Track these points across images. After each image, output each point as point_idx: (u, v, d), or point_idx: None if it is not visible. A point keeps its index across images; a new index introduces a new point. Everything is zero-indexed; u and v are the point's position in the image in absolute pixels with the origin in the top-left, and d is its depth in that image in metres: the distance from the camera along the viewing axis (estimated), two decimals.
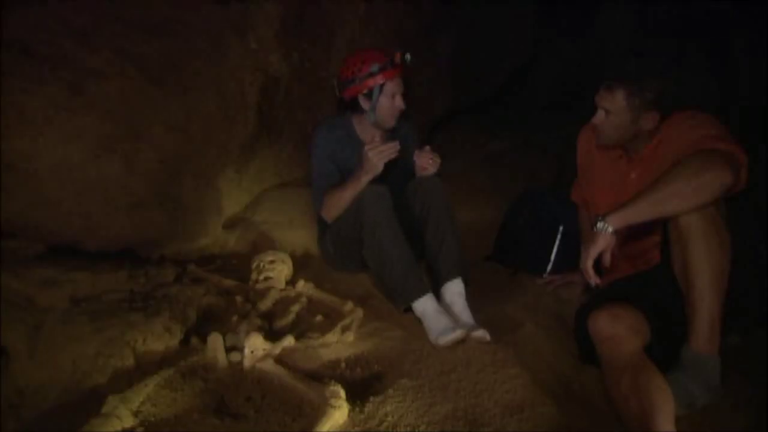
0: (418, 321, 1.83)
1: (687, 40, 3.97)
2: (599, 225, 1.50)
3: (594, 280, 1.56)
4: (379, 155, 1.94)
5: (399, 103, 2.13)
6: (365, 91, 2.10)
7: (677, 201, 1.46)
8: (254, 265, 2.13)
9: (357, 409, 1.39)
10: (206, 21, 2.23)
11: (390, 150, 1.95)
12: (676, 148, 1.60)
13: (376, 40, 2.92)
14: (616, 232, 1.50)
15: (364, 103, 2.13)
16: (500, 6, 3.87)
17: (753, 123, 3.17)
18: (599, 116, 1.77)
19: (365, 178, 1.96)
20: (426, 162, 2.08)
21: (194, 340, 1.68)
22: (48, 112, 1.80)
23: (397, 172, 2.11)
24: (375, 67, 2.06)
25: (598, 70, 2.00)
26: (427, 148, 2.11)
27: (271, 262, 2.13)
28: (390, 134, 2.28)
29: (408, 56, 2.09)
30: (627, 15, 4.60)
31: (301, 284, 2.07)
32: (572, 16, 4.91)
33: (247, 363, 1.54)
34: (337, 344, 1.72)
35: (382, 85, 2.08)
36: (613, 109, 1.72)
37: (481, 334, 1.74)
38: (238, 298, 1.95)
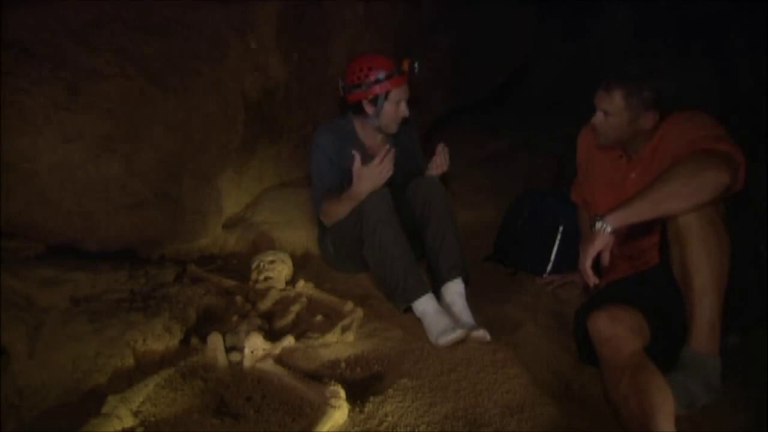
0: (418, 321, 1.84)
1: (686, 40, 3.98)
2: (598, 225, 1.51)
3: (592, 280, 1.56)
4: (371, 178, 1.92)
5: (403, 110, 2.13)
6: (370, 97, 2.09)
7: (676, 201, 1.46)
8: (254, 265, 2.13)
9: (357, 409, 1.39)
10: (206, 21, 2.23)
11: (383, 171, 1.93)
12: (675, 148, 1.60)
13: (376, 40, 2.92)
14: (614, 232, 1.50)
15: (369, 108, 2.13)
16: (500, 6, 3.88)
17: (753, 123, 3.17)
18: (598, 117, 1.77)
19: (361, 197, 1.94)
20: (441, 160, 2.15)
21: (194, 340, 1.68)
22: (48, 112, 1.79)
23: (398, 172, 2.12)
24: (382, 74, 2.06)
25: (597, 70, 2.00)
26: (441, 145, 2.17)
27: (271, 262, 2.13)
28: (391, 136, 2.28)
29: (416, 65, 2.10)
30: (627, 15, 4.61)
31: (301, 284, 2.07)
32: (572, 17, 4.92)
33: (247, 363, 1.55)
34: (337, 344, 1.72)
35: (387, 92, 2.08)
36: (611, 110, 1.72)
37: (481, 334, 1.74)
38: (238, 298, 1.95)
